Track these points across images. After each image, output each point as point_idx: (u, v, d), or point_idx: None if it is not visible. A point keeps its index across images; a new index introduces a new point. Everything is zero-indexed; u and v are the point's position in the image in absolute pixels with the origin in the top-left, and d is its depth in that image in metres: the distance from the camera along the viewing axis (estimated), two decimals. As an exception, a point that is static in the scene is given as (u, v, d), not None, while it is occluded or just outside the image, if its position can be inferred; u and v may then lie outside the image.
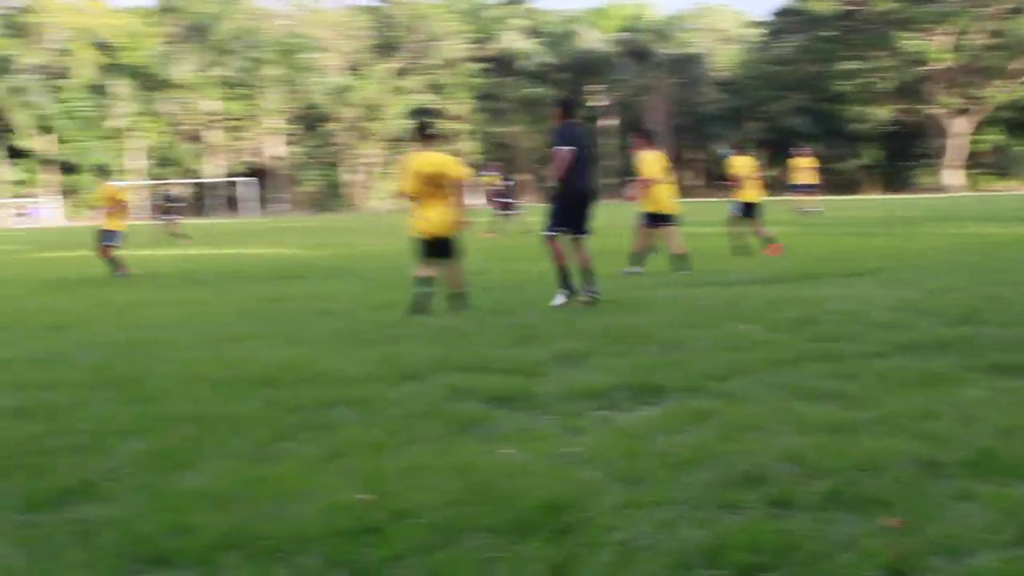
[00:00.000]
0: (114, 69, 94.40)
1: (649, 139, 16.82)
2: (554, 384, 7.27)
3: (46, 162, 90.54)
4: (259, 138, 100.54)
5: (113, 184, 20.57)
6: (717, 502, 4.63)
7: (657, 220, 16.66)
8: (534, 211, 30.73)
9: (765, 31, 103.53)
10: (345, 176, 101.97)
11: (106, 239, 19.75)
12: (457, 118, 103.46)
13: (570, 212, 12.07)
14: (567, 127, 12.03)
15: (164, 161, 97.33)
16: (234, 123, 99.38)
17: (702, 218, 33.74)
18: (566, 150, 11.82)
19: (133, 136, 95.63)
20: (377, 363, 8.24)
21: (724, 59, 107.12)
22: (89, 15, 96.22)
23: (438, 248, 12.01)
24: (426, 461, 5.38)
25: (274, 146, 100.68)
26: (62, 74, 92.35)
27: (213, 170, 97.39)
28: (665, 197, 16.67)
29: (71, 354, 9.51)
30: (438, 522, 4.44)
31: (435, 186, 11.79)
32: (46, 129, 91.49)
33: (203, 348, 9.59)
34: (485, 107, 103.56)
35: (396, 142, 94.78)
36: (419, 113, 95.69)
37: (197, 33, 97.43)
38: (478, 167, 56.49)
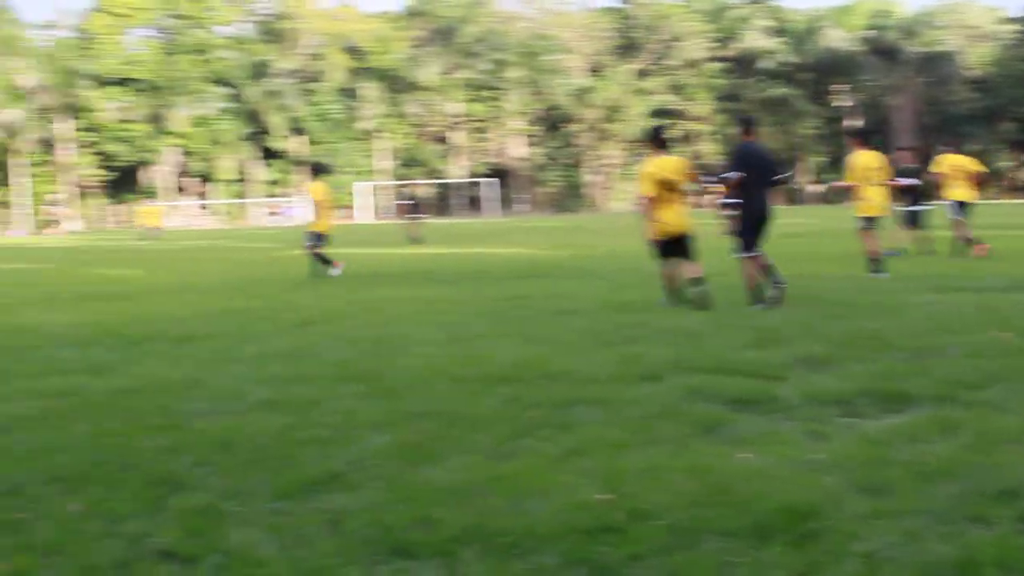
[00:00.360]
0: (363, 72, 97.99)
1: (864, 140, 16.28)
2: (796, 388, 7.12)
3: (298, 163, 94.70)
4: (502, 139, 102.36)
5: (321, 184, 20.15)
6: (966, 515, 4.44)
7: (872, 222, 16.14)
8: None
9: (1021, 27, 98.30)
10: (586, 177, 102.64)
11: (311, 240, 20.00)
12: (698, 119, 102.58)
13: (751, 232, 12.49)
14: (743, 149, 12.53)
15: (409, 162, 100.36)
16: (477, 124, 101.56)
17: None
18: (734, 177, 12.35)
19: (380, 137, 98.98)
20: (616, 363, 8.26)
21: (976, 57, 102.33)
22: (341, 21, 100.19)
23: (675, 247, 12.64)
24: (664, 462, 5.36)
25: (516, 147, 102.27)
26: (314, 78, 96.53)
27: (457, 171, 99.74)
28: (877, 198, 16.06)
29: (318, 349, 9.91)
30: (677, 524, 4.41)
31: (670, 190, 12.48)
32: (298, 131, 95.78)
33: (444, 345, 9.82)
34: (726, 108, 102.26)
35: (636, 143, 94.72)
36: (659, 114, 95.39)
37: (443, 36, 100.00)
38: (709, 171, 56.23)
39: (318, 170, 21.32)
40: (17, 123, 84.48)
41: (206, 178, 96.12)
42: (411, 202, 37.73)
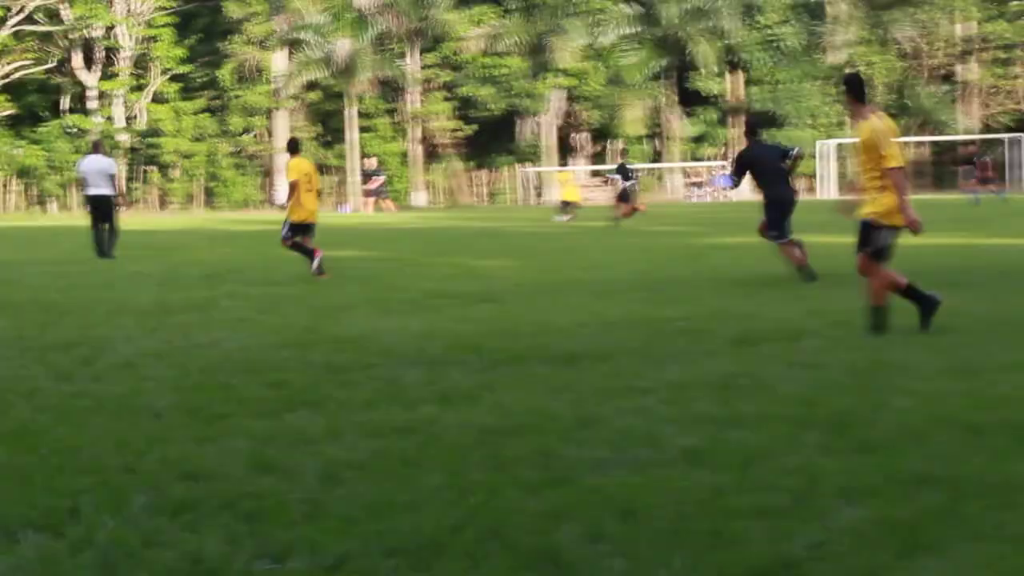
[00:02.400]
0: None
1: None
2: None
3: (733, 111, 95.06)
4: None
5: (299, 162, 23.23)
6: None
7: None
8: None
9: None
10: None
11: (285, 230, 22.79)
12: None
13: (778, 216, 19.38)
14: (747, 150, 20.52)
15: (898, 109, 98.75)
16: (997, 54, 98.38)
17: None
18: (730, 184, 20.23)
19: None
20: None
21: None
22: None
23: None
24: None
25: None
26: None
27: (967, 122, 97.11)
28: None
29: (766, 378, 9.90)
30: None
31: None
32: (734, 66, 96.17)
33: (947, 377, 9.68)
34: None
35: None
36: None
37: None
38: None
39: (294, 146, 24.50)
40: (352, 59, 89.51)
41: (603, 133, 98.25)
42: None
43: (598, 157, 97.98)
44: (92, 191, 29.62)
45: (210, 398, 9.59)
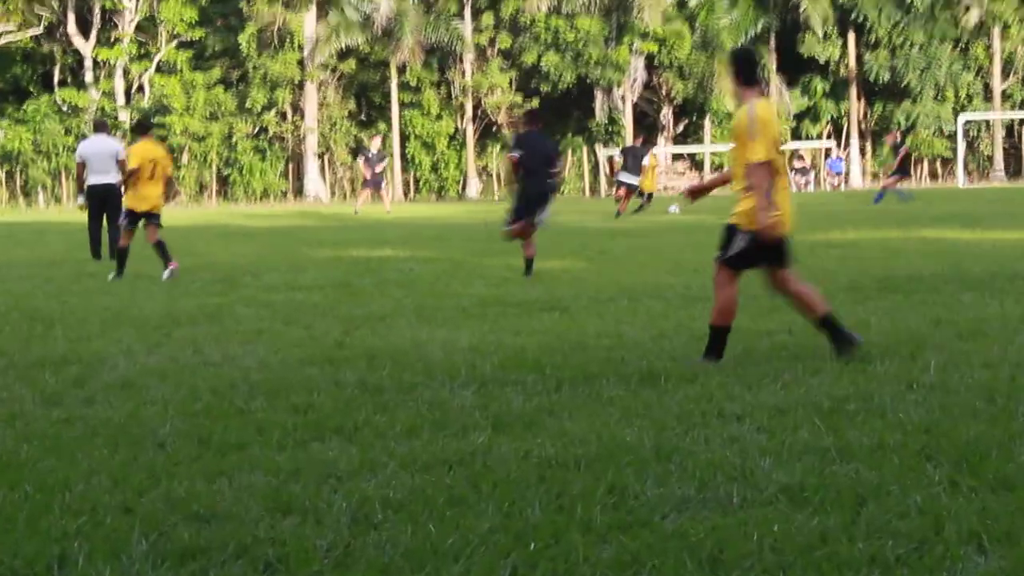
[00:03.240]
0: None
1: None
2: None
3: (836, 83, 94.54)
4: None
5: (143, 146, 24.80)
6: None
7: None
8: None
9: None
10: None
11: (124, 217, 24.66)
12: None
13: (523, 205, 22.59)
14: (523, 135, 23.78)
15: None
16: None
17: None
18: (515, 155, 22.69)
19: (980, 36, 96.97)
20: None
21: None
22: None
23: None
24: None
25: None
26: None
27: None
28: None
29: (885, 401, 9.91)
30: None
31: None
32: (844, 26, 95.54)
33: None
34: None
35: None
36: None
37: None
38: None
39: (142, 128, 26.52)
40: (395, 20, 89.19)
41: (688, 109, 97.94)
42: None
43: (679, 138, 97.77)
44: (96, 179, 28.97)
45: (223, 425, 9.64)
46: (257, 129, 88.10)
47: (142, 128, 25.60)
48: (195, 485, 7.80)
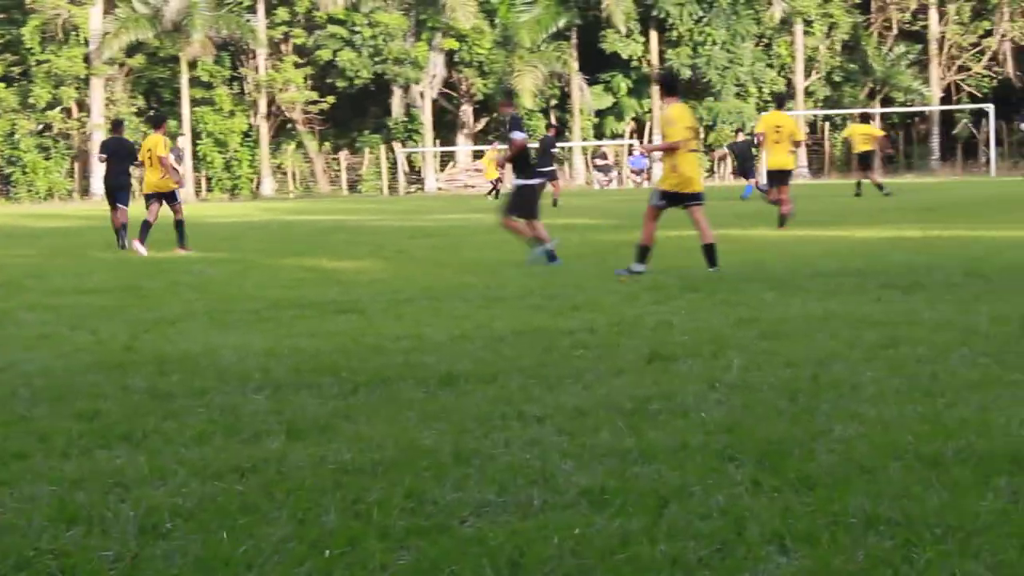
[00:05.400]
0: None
1: None
2: None
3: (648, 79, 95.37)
4: (1006, 38, 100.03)
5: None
6: None
7: None
8: None
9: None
10: None
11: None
12: None
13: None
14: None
15: (847, 75, 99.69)
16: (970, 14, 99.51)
17: None
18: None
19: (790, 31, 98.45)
20: None
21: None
22: None
23: None
24: None
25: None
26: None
27: (929, 93, 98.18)
28: None
29: (687, 401, 9.97)
30: None
31: None
32: (646, 24, 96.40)
33: (906, 400, 9.75)
34: None
35: None
36: None
37: None
38: None
39: (156, 121, 29.55)
40: (185, 14, 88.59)
41: (488, 106, 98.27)
42: None
43: (480, 136, 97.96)
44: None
45: (3, 434, 9.48)
46: (41, 126, 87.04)
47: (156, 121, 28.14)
48: (-27, 497, 7.67)
